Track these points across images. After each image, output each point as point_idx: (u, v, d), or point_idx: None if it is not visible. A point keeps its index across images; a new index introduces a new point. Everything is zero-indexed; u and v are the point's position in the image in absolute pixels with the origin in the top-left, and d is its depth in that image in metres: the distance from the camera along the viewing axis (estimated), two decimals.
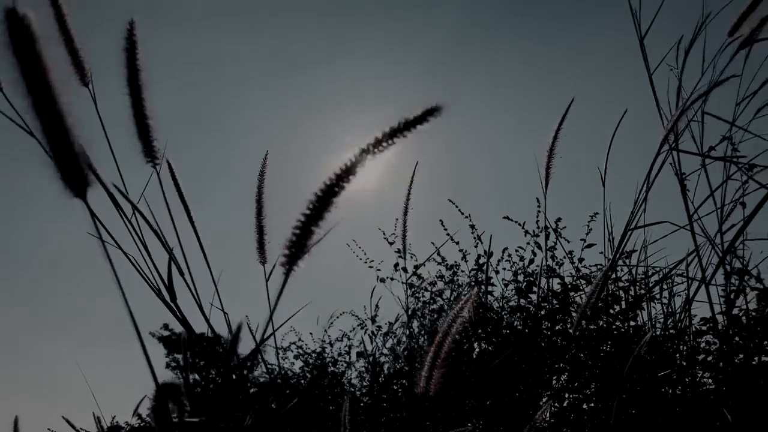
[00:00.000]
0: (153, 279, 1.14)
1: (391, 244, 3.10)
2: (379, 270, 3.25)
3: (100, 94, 1.13)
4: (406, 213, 1.69)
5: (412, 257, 3.17)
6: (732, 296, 1.72)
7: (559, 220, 2.65)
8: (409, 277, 3.02)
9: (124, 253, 1.13)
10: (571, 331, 2.24)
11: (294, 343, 4.14)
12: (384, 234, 3.06)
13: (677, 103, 1.54)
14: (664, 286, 2.07)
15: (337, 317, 3.74)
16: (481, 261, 2.86)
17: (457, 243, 2.94)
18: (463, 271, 2.98)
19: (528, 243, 2.75)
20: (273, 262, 1.24)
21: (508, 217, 2.69)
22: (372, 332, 3.36)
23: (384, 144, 0.51)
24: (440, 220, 2.85)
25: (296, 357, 4.10)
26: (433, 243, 2.62)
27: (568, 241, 2.62)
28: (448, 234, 2.85)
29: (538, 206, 2.73)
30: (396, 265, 3.05)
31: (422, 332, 2.92)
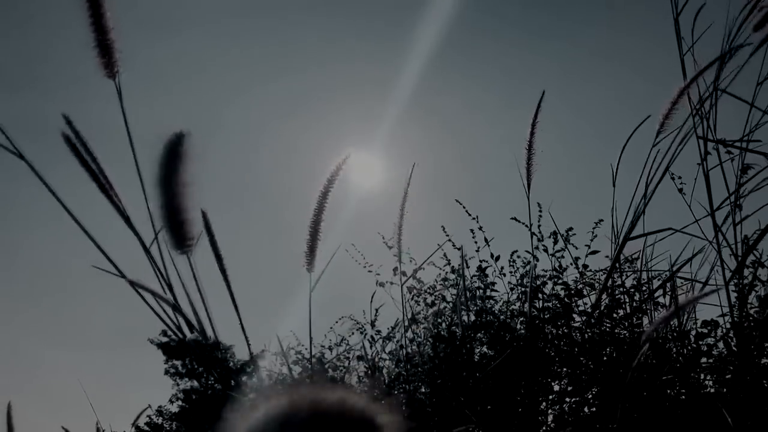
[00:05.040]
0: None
1: (390, 248, 3.08)
2: (378, 274, 3.23)
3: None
4: (402, 217, 1.60)
5: (411, 261, 3.16)
6: (746, 290, 1.65)
7: (570, 229, 2.63)
8: (406, 281, 3.01)
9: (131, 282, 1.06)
10: (574, 335, 2.23)
11: (293, 348, 4.13)
12: (383, 238, 3.04)
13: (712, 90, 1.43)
14: (667, 289, 2.06)
15: (336, 322, 3.72)
16: (483, 265, 2.84)
17: (460, 248, 2.92)
18: (464, 276, 2.96)
19: (536, 247, 2.73)
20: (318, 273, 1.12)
21: (515, 219, 2.65)
22: (371, 336, 3.34)
23: None
24: (442, 227, 2.83)
25: (295, 363, 4.09)
26: (439, 244, 2.59)
27: (576, 248, 2.59)
28: (450, 240, 2.83)
29: (540, 210, 2.71)
30: (395, 269, 3.03)
31: (425, 336, 2.91)
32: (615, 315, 2.17)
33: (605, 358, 2.11)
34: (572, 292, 2.38)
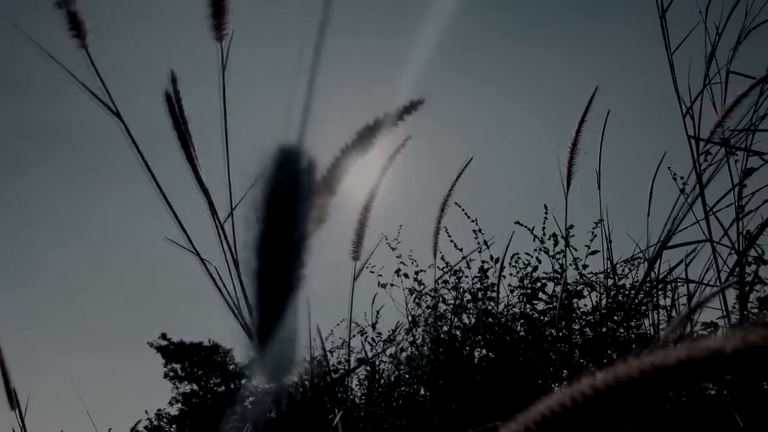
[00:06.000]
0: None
1: (393, 249, 3.07)
2: (380, 276, 3.22)
3: None
4: (442, 210, 1.52)
5: (413, 263, 3.15)
6: (747, 288, 1.60)
7: (571, 227, 2.61)
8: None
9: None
10: (574, 338, 2.22)
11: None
12: (386, 239, 3.04)
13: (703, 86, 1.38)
14: (668, 292, 2.05)
15: (338, 325, 3.71)
16: (485, 267, 2.83)
17: (461, 250, 2.92)
18: (467, 277, 2.95)
19: (536, 249, 2.72)
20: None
21: (519, 222, 2.65)
22: (372, 339, 3.33)
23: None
24: (444, 228, 2.82)
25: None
26: (439, 251, 2.57)
27: (576, 249, 2.58)
28: (452, 242, 2.82)
29: (545, 213, 2.71)
30: (397, 270, 3.03)
31: (425, 339, 2.90)
32: (616, 317, 2.17)
33: (605, 360, 2.11)
34: (572, 293, 2.37)
